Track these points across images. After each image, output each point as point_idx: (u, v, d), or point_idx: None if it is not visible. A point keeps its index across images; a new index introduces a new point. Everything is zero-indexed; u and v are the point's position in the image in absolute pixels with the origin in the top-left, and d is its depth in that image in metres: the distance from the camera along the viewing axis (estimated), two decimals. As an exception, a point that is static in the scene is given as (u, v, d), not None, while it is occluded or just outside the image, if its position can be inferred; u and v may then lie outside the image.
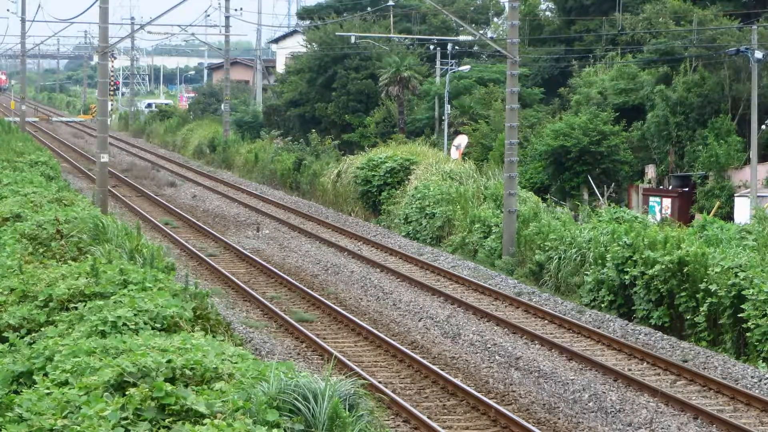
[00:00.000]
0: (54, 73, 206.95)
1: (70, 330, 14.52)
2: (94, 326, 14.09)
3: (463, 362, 25.88)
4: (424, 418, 20.74)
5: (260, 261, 37.84)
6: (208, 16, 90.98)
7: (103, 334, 13.84)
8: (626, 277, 30.32)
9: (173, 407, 10.39)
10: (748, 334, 25.93)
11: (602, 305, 31.23)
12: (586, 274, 32.42)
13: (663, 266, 28.86)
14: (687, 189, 50.01)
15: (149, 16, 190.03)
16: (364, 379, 21.76)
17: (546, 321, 30.12)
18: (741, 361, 25.88)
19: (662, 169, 52.59)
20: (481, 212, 40.28)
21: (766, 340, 25.36)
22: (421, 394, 23.04)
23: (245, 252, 39.78)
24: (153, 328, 14.27)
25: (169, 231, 44.26)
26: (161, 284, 17.04)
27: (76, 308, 15.55)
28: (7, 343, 14.55)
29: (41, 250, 21.36)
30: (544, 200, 43.53)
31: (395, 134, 64.12)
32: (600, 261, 31.79)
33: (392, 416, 21.09)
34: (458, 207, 41.81)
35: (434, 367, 24.47)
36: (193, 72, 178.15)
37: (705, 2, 58.27)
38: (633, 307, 30.26)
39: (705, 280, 27.57)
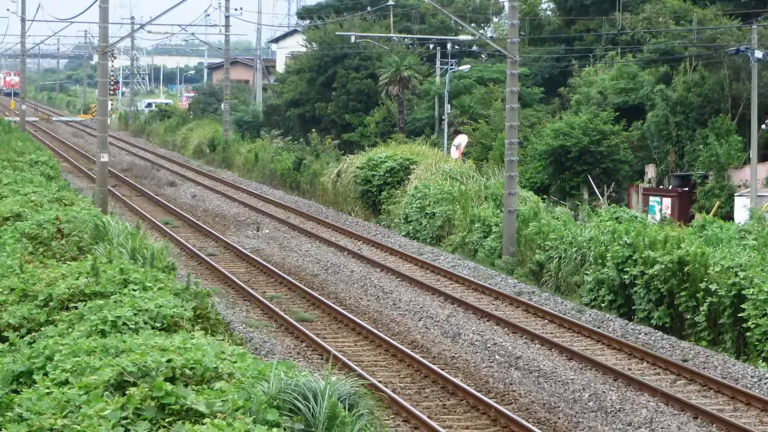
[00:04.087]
0: (54, 72, 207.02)
1: (70, 329, 14.52)
2: (94, 326, 14.09)
3: (463, 362, 25.89)
4: (424, 417, 20.75)
5: (260, 260, 37.85)
6: (208, 15, 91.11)
7: (103, 334, 13.84)
8: (626, 276, 30.32)
9: (173, 407, 10.39)
10: (748, 334, 25.93)
11: (602, 305, 31.24)
12: (586, 274, 32.42)
13: (663, 266, 28.86)
14: (687, 189, 50.01)
15: (149, 16, 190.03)
16: (364, 378, 21.78)
17: (546, 320, 30.12)
18: (741, 360, 25.88)
19: (662, 168, 52.61)
20: (481, 212, 40.29)
21: (766, 339, 25.36)
22: (421, 393, 23.05)
23: (245, 251, 39.78)
24: (153, 328, 14.28)
25: (169, 230, 44.26)
26: (161, 284, 17.05)
27: (76, 308, 15.56)
28: (7, 343, 14.56)
29: (41, 250, 21.37)
30: (544, 200, 43.55)
31: (395, 134, 64.12)
32: (600, 260, 31.79)
33: (392, 416, 21.09)
34: (458, 206, 41.81)
35: (434, 367, 24.48)
36: (193, 72, 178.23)
37: (705, 2, 58.29)
38: (633, 307, 30.26)
39: (705, 279, 27.58)
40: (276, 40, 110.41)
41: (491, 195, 42.07)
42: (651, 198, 50.06)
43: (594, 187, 51.54)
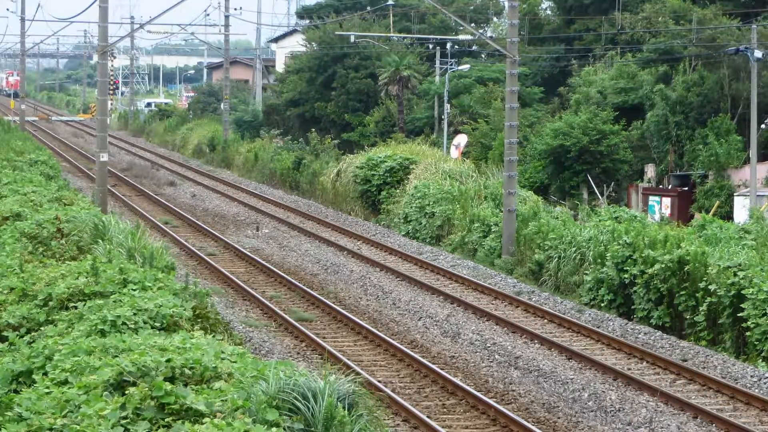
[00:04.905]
0: (54, 72, 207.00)
1: (70, 329, 14.53)
2: (93, 325, 14.11)
3: (462, 361, 25.89)
4: (424, 417, 20.74)
5: (260, 260, 37.84)
6: (208, 15, 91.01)
7: (103, 333, 13.86)
8: (626, 276, 30.32)
9: (173, 406, 10.40)
10: (747, 334, 25.93)
11: (602, 304, 31.24)
12: (586, 274, 32.42)
13: (663, 265, 28.86)
14: (687, 188, 50.02)
15: (149, 16, 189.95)
16: (364, 378, 21.79)
17: (545, 320, 30.12)
18: (740, 360, 25.88)
19: (662, 168, 52.62)
20: (480, 211, 40.29)
21: (765, 339, 25.36)
22: (421, 393, 23.04)
23: (245, 251, 39.78)
24: (152, 327, 14.29)
25: (168, 230, 44.25)
26: (161, 283, 17.06)
27: (75, 307, 15.57)
28: (7, 342, 14.57)
29: (41, 249, 21.39)
30: (545, 199, 43.58)
31: (395, 133, 64.13)
32: (599, 260, 31.79)
33: (392, 415, 21.09)
34: (458, 206, 41.82)
35: (434, 366, 24.47)
36: (192, 71, 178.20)
37: (704, 1, 58.31)
38: (633, 306, 30.26)
39: (705, 279, 27.58)
40: (276, 40, 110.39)
41: (491, 194, 42.07)
42: (651, 197, 50.07)
43: (594, 186, 51.55)
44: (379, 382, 23.04)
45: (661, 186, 51.84)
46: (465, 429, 20.84)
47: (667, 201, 49.27)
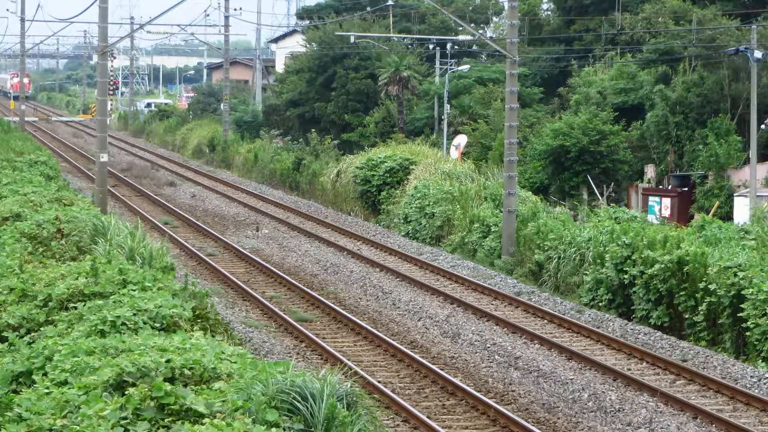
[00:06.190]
0: (53, 72, 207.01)
1: (70, 330, 14.54)
2: (93, 326, 14.12)
3: (462, 362, 25.89)
4: (424, 417, 20.74)
5: (259, 260, 37.85)
6: (208, 15, 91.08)
7: (103, 334, 13.86)
8: (625, 276, 30.32)
9: (172, 407, 10.41)
10: (747, 334, 25.93)
11: (601, 305, 31.25)
12: (585, 274, 32.43)
13: (662, 265, 28.86)
14: (686, 189, 49.99)
15: (149, 16, 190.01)
16: (363, 378, 21.80)
17: (545, 320, 30.13)
18: (740, 360, 25.89)
19: (662, 168, 52.59)
20: (480, 212, 40.29)
21: (765, 339, 25.36)
22: (421, 393, 23.05)
23: (244, 251, 39.78)
24: (152, 328, 14.29)
25: (168, 231, 44.24)
26: (161, 284, 17.06)
27: (75, 308, 15.58)
28: (7, 343, 14.57)
29: (41, 250, 21.39)
30: (544, 200, 43.53)
31: (395, 134, 64.13)
32: (599, 260, 31.80)
33: (392, 416, 21.09)
34: (458, 207, 41.82)
35: (434, 367, 24.48)
36: (192, 72, 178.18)
37: (704, 2, 58.31)
38: (632, 307, 30.27)
39: (704, 279, 27.58)
40: (275, 40, 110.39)
41: (491, 195, 42.08)
42: (650, 198, 50.03)
43: (593, 187, 51.55)
44: (379, 382, 23.05)
45: (661, 186, 51.81)
46: (465, 429, 20.84)
47: (666, 201, 49.23)
